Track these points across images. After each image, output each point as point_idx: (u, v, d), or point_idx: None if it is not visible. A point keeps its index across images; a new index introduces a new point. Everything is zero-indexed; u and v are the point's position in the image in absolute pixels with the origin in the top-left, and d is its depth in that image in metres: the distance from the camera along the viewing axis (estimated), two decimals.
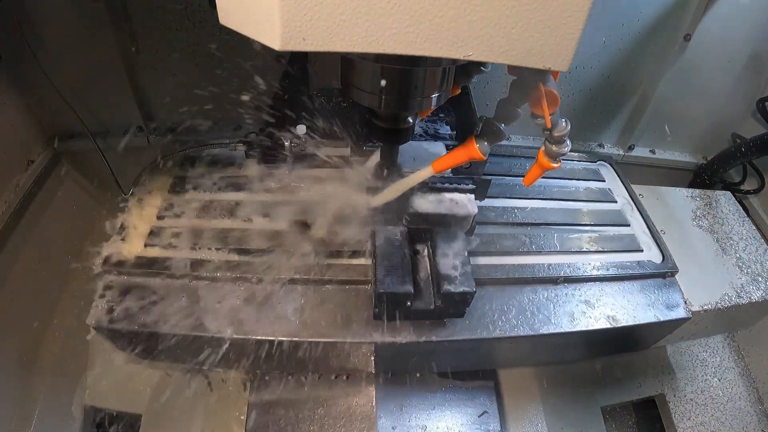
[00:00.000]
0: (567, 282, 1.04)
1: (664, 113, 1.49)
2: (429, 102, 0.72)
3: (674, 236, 1.23)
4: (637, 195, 1.29)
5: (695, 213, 1.35)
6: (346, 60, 0.70)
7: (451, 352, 1.01)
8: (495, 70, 0.85)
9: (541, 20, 0.46)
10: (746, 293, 1.15)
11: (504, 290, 1.01)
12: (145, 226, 1.01)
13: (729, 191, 1.46)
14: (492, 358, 1.17)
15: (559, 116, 0.67)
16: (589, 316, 0.99)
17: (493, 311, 0.97)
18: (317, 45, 0.47)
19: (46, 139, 1.31)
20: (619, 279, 1.08)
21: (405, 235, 0.93)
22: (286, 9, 0.45)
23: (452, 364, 1.13)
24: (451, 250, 0.92)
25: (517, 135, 1.53)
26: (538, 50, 0.48)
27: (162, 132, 1.39)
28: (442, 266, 0.89)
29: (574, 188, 1.28)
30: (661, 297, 1.06)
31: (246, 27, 0.51)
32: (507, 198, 1.20)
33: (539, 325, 0.96)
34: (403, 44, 0.48)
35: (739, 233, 1.31)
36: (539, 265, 1.04)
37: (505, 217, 1.14)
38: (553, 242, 1.10)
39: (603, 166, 1.39)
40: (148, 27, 1.17)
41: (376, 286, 0.83)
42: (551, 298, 1.01)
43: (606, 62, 1.37)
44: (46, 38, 1.14)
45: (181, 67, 1.25)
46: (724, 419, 1.24)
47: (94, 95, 1.27)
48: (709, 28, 1.29)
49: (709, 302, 1.10)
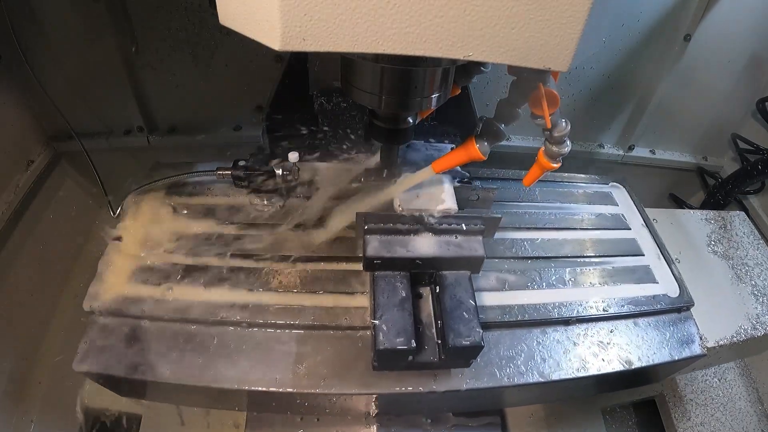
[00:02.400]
0: (579, 322, 0.98)
1: (664, 113, 1.49)
2: (429, 102, 0.72)
3: (690, 264, 1.18)
4: (650, 220, 1.22)
5: (710, 238, 1.30)
6: (346, 60, 0.70)
7: (457, 398, 0.97)
8: (495, 70, 0.85)
9: (541, 20, 0.46)
10: (762, 324, 1.11)
11: (513, 333, 0.94)
12: (126, 264, 0.93)
13: (743, 212, 1.42)
14: (498, 401, 1.13)
15: (559, 116, 0.67)
16: (601, 359, 0.93)
17: (501, 357, 0.89)
18: (317, 45, 0.47)
19: (46, 139, 1.31)
20: (633, 316, 1.01)
21: (407, 281, 0.86)
22: (286, 9, 0.45)
23: (458, 407, 1.10)
24: (458, 296, 0.85)
25: (517, 135, 1.53)
26: (538, 50, 0.48)
27: (162, 132, 1.39)
28: (448, 316, 0.82)
29: (586, 215, 1.20)
30: (676, 333, 1.01)
31: (246, 27, 0.51)
32: (516, 229, 1.12)
33: (549, 370, 0.89)
34: (403, 44, 0.48)
35: (755, 258, 1.27)
36: (550, 305, 0.97)
37: (513, 251, 1.07)
38: (565, 277, 1.03)
39: (616, 188, 1.31)
40: (148, 27, 1.17)
41: (374, 341, 0.77)
42: (562, 341, 0.94)
43: (606, 62, 1.37)
44: (46, 38, 1.14)
45: (181, 67, 1.25)
46: (724, 419, 1.24)
47: (94, 95, 1.27)
48: (709, 28, 1.29)
49: (725, 337, 1.05)
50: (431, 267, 0.88)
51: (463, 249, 0.88)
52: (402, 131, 0.82)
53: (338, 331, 0.89)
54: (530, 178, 0.77)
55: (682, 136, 1.61)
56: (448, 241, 0.88)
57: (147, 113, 1.35)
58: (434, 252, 0.86)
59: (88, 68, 1.21)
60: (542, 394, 1.12)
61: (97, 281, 0.90)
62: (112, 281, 0.90)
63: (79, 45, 1.16)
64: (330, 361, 0.85)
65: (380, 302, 0.82)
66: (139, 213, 1.02)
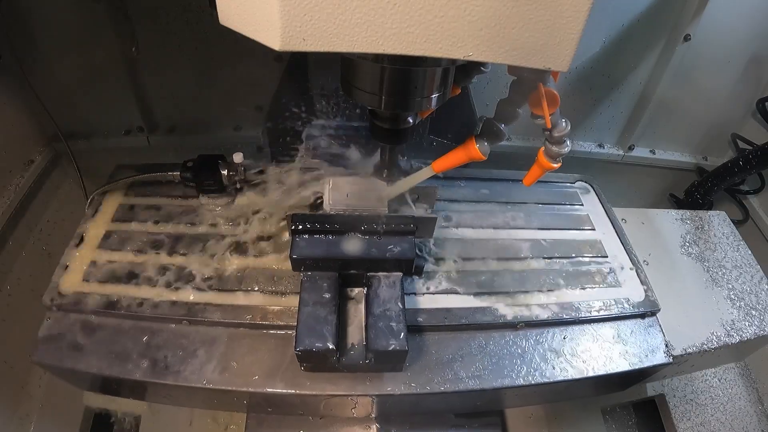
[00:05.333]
0: (528, 327, 0.93)
1: (664, 113, 1.49)
2: (429, 102, 0.72)
3: (659, 267, 1.13)
4: (618, 220, 1.17)
5: (684, 239, 1.24)
6: (346, 60, 0.70)
7: (407, 402, 0.93)
8: (495, 70, 0.85)
9: (541, 20, 0.46)
10: (737, 330, 1.05)
11: (455, 337, 0.90)
12: (84, 259, 0.97)
13: (723, 212, 1.37)
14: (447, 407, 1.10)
15: (559, 116, 0.67)
16: (552, 366, 0.88)
17: (440, 363, 0.86)
18: (317, 45, 0.47)
19: (46, 139, 1.31)
20: (590, 321, 0.96)
21: (334, 283, 0.85)
22: (286, 9, 0.45)
23: (454, 407, 1.08)
24: (385, 299, 0.83)
25: (517, 135, 1.53)
26: (538, 50, 0.48)
27: (162, 132, 1.39)
28: (373, 319, 0.81)
29: (549, 214, 1.14)
30: (639, 340, 0.95)
31: (246, 27, 0.50)
32: (471, 228, 1.08)
33: (491, 377, 0.85)
34: (403, 44, 0.48)
35: (733, 260, 1.20)
36: (496, 309, 0.92)
37: (463, 250, 1.02)
38: (516, 278, 0.98)
39: (584, 188, 1.25)
40: (148, 27, 1.17)
41: (295, 344, 0.76)
42: (508, 346, 0.90)
43: (606, 62, 1.37)
44: (46, 38, 1.14)
45: (181, 67, 1.25)
46: (724, 419, 1.24)
47: (94, 95, 1.27)
48: (709, 28, 1.29)
49: (694, 344, 1.00)
50: (361, 268, 0.87)
51: (390, 250, 0.86)
52: (402, 131, 0.82)
53: (278, 331, 0.88)
54: (530, 178, 0.76)
55: (682, 136, 1.61)
56: (377, 243, 0.87)
57: (147, 113, 1.35)
58: (361, 253, 0.85)
59: (88, 68, 1.21)
60: (493, 402, 1.09)
61: (57, 275, 0.93)
62: (64, 277, 0.93)
63: (79, 45, 1.17)
64: (263, 360, 0.84)
65: (304, 303, 0.81)
66: (100, 213, 1.05)
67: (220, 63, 1.25)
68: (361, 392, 0.83)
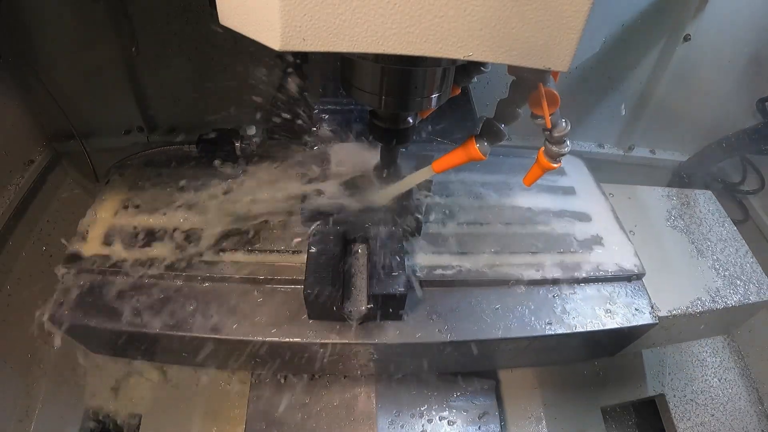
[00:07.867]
0: (519, 284, 0.98)
1: (664, 113, 1.49)
2: (429, 102, 0.72)
3: (645, 237, 1.15)
4: (606, 194, 1.20)
5: (670, 213, 1.27)
6: (346, 60, 0.70)
7: (404, 353, 0.98)
8: (495, 70, 0.85)
9: (541, 20, 0.46)
10: (722, 297, 1.09)
11: (450, 292, 0.96)
12: (103, 226, 1.02)
13: (710, 191, 1.39)
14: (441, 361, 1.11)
15: (559, 116, 0.67)
16: (542, 322, 0.93)
17: (437, 314, 0.92)
18: (317, 45, 0.47)
19: (46, 139, 1.31)
20: (578, 282, 1.00)
21: (341, 237, 0.92)
22: (286, 9, 0.45)
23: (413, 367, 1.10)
24: (387, 251, 0.90)
25: (517, 135, 1.53)
26: (538, 50, 0.48)
27: (162, 132, 1.39)
28: (376, 267, 0.87)
29: (537, 183, 1.19)
30: (626, 301, 0.99)
31: (246, 27, 0.51)
32: (459, 196, 1.13)
33: (484, 330, 0.91)
34: (403, 44, 0.48)
35: (718, 234, 1.24)
36: (489, 266, 0.98)
37: (457, 215, 1.08)
38: (508, 241, 1.04)
39: (573, 162, 1.27)
40: (148, 27, 1.17)
41: (304, 287, 0.83)
42: (501, 301, 0.95)
43: (606, 62, 1.37)
44: (46, 38, 1.14)
45: (181, 67, 1.25)
46: (724, 419, 1.24)
47: (94, 95, 1.27)
48: (709, 28, 1.29)
49: (679, 307, 1.04)
50: (365, 223, 0.94)
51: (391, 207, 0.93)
52: (402, 131, 0.82)
53: (287, 286, 0.95)
54: (530, 178, 0.77)
55: (682, 136, 1.61)
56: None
57: (147, 113, 1.35)
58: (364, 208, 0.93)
59: (88, 68, 1.21)
60: (484, 357, 1.10)
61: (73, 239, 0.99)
62: (83, 243, 0.98)
63: (79, 45, 1.17)
64: (274, 312, 0.91)
65: (312, 254, 0.89)
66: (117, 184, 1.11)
67: (219, 63, 1.25)
68: (362, 340, 0.89)
